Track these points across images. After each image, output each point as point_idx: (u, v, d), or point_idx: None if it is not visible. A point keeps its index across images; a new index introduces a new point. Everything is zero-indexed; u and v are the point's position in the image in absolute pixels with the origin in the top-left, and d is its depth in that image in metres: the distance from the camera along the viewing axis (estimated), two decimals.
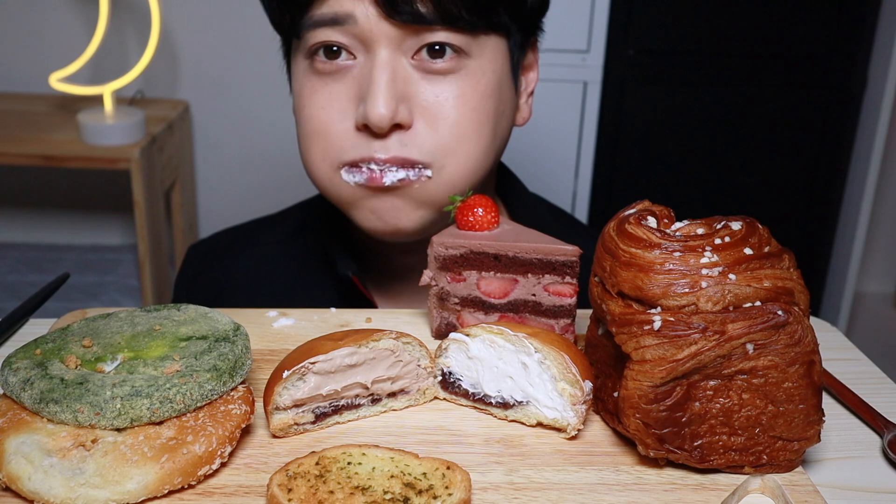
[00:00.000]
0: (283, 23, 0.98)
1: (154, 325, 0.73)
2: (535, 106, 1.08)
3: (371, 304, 1.07)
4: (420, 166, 0.92)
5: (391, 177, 0.92)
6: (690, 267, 0.66)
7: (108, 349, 0.69)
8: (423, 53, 0.91)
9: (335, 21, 0.90)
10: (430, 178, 0.93)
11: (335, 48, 0.92)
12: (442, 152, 0.92)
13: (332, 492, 0.61)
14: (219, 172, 2.71)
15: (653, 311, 0.66)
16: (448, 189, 0.94)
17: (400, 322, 0.91)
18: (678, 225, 0.72)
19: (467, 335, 0.75)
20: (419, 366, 0.76)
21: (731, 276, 0.65)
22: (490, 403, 0.75)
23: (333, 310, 0.92)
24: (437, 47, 0.91)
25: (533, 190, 1.19)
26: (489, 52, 0.94)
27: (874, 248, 2.96)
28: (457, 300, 0.85)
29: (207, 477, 0.65)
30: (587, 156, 2.58)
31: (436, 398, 0.77)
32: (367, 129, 0.91)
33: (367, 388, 0.73)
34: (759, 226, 0.69)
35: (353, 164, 0.93)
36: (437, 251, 0.84)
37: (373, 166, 0.92)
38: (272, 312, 0.91)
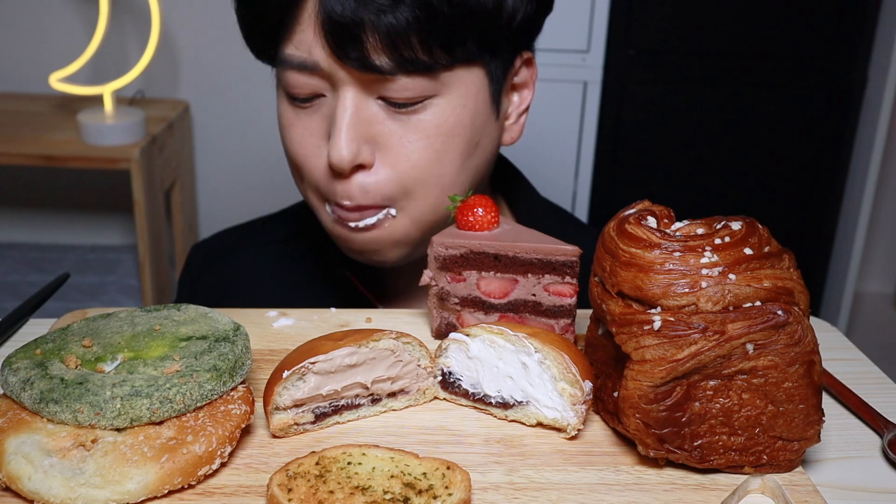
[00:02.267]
0: (261, 54, 0.99)
1: (154, 325, 0.73)
2: (535, 106, 1.06)
3: (371, 304, 1.07)
4: (383, 208, 0.94)
5: (362, 222, 0.94)
6: (690, 267, 0.66)
7: (108, 349, 0.69)
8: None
9: (303, 66, 0.90)
10: (394, 216, 0.94)
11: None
12: (402, 193, 0.93)
13: (332, 492, 0.61)
14: (219, 172, 2.70)
15: (653, 311, 0.66)
16: (414, 226, 0.95)
17: (400, 322, 0.91)
18: (678, 225, 0.72)
19: (467, 335, 0.75)
20: (419, 366, 0.76)
21: (731, 276, 0.65)
22: (490, 403, 0.75)
23: (333, 310, 0.92)
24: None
25: None
26: (458, 87, 0.92)
27: (874, 248, 2.96)
28: (457, 300, 0.85)
29: (207, 477, 0.65)
30: (587, 156, 2.58)
31: (436, 398, 0.77)
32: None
33: (367, 388, 0.73)
34: (759, 226, 0.69)
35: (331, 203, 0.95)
36: (437, 251, 0.84)
37: (340, 211, 0.94)
38: (272, 312, 0.91)
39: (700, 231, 0.70)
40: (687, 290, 0.65)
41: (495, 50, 0.93)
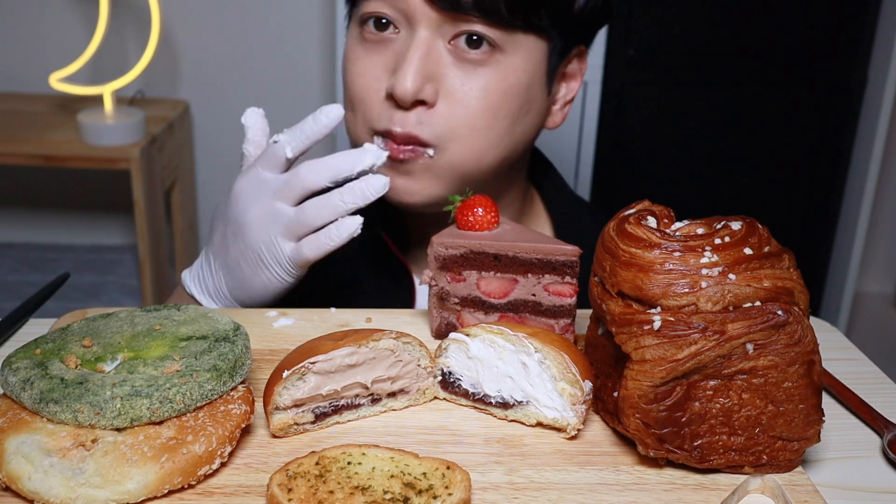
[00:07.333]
0: None
1: (154, 325, 0.73)
2: None
3: (403, 265, 1.10)
4: (426, 147, 0.97)
5: (402, 154, 0.97)
6: (690, 267, 0.66)
7: (108, 349, 0.69)
8: (460, 41, 0.96)
9: None
10: (431, 157, 0.97)
11: (384, 20, 0.97)
12: (449, 136, 0.97)
13: (332, 492, 0.61)
14: (219, 172, 2.70)
15: (653, 311, 0.66)
16: (450, 169, 0.99)
17: (400, 322, 0.91)
18: (678, 225, 0.72)
19: (467, 335, 0.75)
20: (419, 366, 0.76)
21: (731, 275, 0.65)
22: (490, 403, 0.75)
23: (333, 310, 0.93)
24: (474, 38, 0.95)
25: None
26: (524, 52, 0.97)
27: (874, 248, 2.96)
28: (457, 300, 0.85)
29: (207, 477, 0.65)
30: (587, 156, 2.58)
31: (436, 398, 0.77)
32: (393, 98, 0.96)
33: (367, 388, 0.73)
34: (759, 226, 0.69)
35: (380, 134, 0.99)
36: (437, 251, 0.84)
37: (388, 143, 0.98)
38: (272, 312, 0.91)
39: (700, 231, 0.70)
40: (687, 290, 0.65)
41: (561, 29, 0.99)
